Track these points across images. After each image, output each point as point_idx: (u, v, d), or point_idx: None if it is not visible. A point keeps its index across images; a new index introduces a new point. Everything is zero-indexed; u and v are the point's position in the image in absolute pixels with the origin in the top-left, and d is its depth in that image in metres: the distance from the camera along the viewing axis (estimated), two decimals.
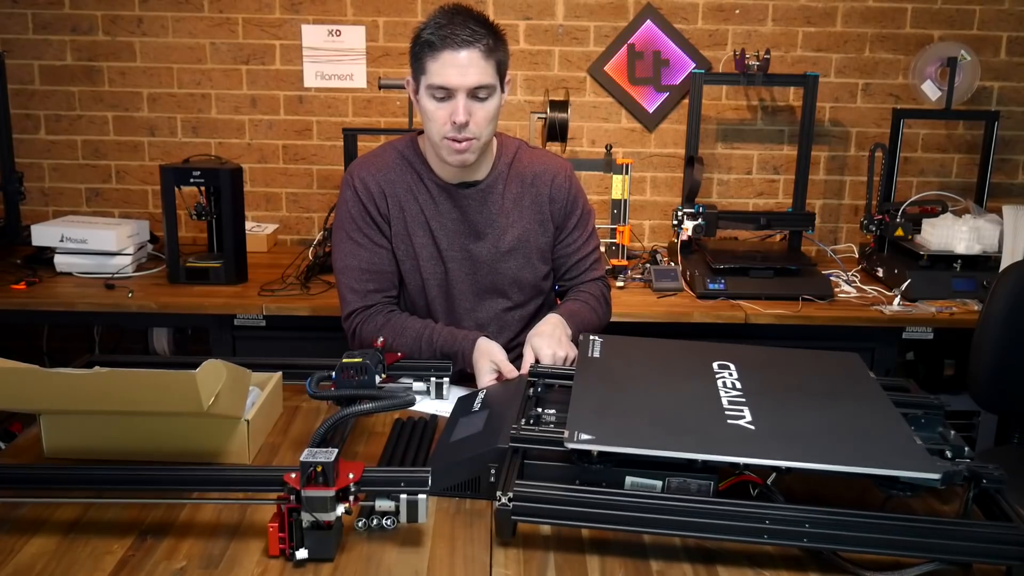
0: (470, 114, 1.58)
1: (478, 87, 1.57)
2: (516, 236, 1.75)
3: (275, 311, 2.42)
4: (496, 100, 1.62)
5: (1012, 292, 2.05)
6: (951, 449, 1.25)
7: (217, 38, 3.02)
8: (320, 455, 1.11)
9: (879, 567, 1.11)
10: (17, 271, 2.61)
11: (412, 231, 1.74)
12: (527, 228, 1.77)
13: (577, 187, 1.82)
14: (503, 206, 1.74)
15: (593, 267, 1.88)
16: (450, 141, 1.61)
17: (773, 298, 2.52)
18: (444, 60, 1.55)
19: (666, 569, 1.12)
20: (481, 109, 1.60)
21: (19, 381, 1.26)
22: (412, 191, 1.74)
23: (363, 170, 1.76)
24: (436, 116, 1.60)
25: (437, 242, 1.74)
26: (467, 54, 1.55)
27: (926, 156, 3.16)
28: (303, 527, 1.10)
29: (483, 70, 1.56)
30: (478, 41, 1.55)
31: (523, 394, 1.43)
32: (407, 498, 1.12)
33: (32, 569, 1.08)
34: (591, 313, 1.80)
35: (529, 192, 1.76)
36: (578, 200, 1.82)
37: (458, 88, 1.56)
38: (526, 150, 1.81)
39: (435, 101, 1.59)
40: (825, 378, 1.41)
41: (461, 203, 1.73)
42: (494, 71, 1.59)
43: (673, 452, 1.16)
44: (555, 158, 1.83)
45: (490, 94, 1.60)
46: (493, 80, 1.59)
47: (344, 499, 1.11)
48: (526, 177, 1.76)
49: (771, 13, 3.03)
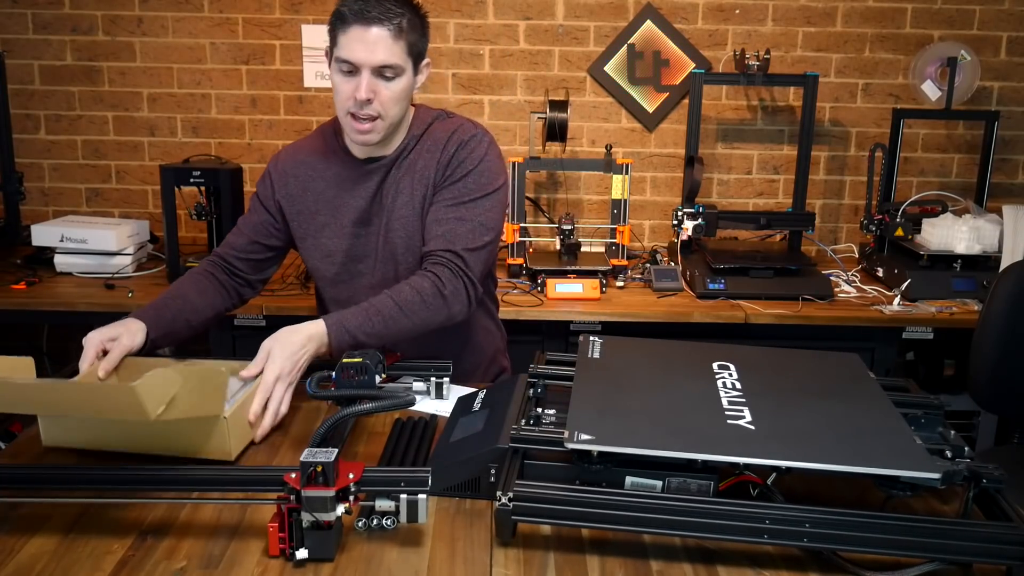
0: (374, 92, 1.57)
1: (384, 66, 1.55)
2: (403, 203, 1.70)
3: (275, 311, 2.42)
4: (404, 82, 1.59)
5: (1012, 292, 2.05)
6: (951, 449, 1.25)
7: (217, 38, 3.02)
8: (320, 455, 1.11)
9: (879, 567, 1.11)
10: (17, 271, 2.61)
11: (318, 208, 1.74)
12: (413, 195, 1.70)
13: (471, 151, 1.66)
14: (403, 176, 1.71)
15: (445, 237, 1.61)
16: (352, 119, 1.59)
17: (773, 298, 2.52)
18: (352, 35, 1.54)
19: (666, 569, 1.12)
20: (386, 89, 1.57)
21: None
22: (321, 170, 1.74)
23: (282, 153, 1.81)
24: (341, 90, 1.59)
25: (339, 218, 1.73)
26: (377, 31, 1.53)
27: (926, 156, 3.16)
28: (303, 527, 1.10)
29: (390, 49, 1.55)
30: (389, 20, 1.53)
31: (523, 394, 1.43)
32: (407, 498, 1.12)
33: (32, 569, 1.08)
34: (394, 311, 1.54)
35: (423, 159, 1.70)
36: (464, 164, 1.65)
37: (363, 64, 1.55)
38: (444, 120, 1.74)
39: (341, 75, 1.58)
40: (825, 378, 1.41)
41: (367, 177, 1.72)
42: (404, 52, 1.57)
43: (673, 452, 1.16)
44: (463, 123, 1.71)
45: (397, 74, 1.57)
46: (401, 61, 1.57)
47: (344, 499, 1.11)
48: (426, 144, 1.71)
49: (771, 13, 3.03)
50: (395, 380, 1.62)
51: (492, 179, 1.68)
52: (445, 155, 1.68)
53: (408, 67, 1.60)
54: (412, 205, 1.70)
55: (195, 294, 1.70)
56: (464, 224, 1.63)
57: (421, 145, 1.71)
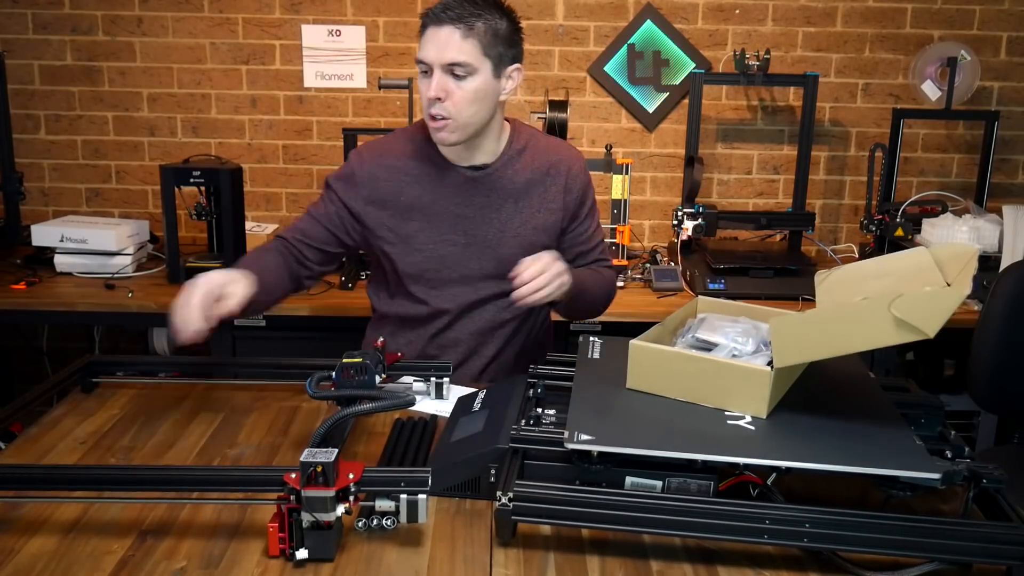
0: (445, 91, 1.57)
1: (453, 64, 1.55)
2: (523, 221, 1.73)
3: (275, 311, 2.40)
4: (477, 82, 1.58)
5: (1012, 292, 2.05)
6: (951, 449, 1.25)
7: (217, 38, 3.02)
8: (320, 455, 1.11)
9: (879, 567, 1.11)
10: (17, 271, 2.61)
11: (412, 212, 1.71)
12: (536, 215, 1.74)
13: (589, 178, 1.83)
14: (513, 191, 1.72)
15: (602, 257, 1.88)
16: (432, 119, 1.61)
17: (773, 298, 2.52)
18: (427, 35, 1.57)
19: (666, 569, 1.12)
20: (458, 88, 1.57)
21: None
22: (415, 174, 1.71)
23: (366, 152, 1.76)
24: (421, 92, 1.61)
25: (436, 223, 1.71)
26: (448, 30, 1.54)
27: (926, 156, 3.16)
28: (303, 527, 1.10)
29: (459, 47, 1.55)
30: (463, 20, 1.54)
31: (523, 394, 1.43)
32: (407, 498, 1.12)
33: (32, 569, 1.08)
34: (593, 283, 1.79)
35: (544, 180, 1.74)
36: (589, 191, 1.82)
37: (433, 63, 1.56)
38: (541, 138, 1.80)
39: (421, 77, 1.61)
40: (825, 378, 1.41)
41: (468, 185, 1.71)
42: (477, 51, 1.56)
43: (673, 452, 1.17)
44: (569, 147, 1.83)
45: (468, 73, 1.57)
46: (472, 59, 1.56)
47: (344, 499, 1.11)
48: (541, 164, 1.74)
49: (771, 13, 3.03)
50: (395, 380, 1.62)
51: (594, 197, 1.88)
52: (575, 184, 1.78)
53: (483, 67, 1.58)
54: (534, 225, 1.75)
55: (273, 270, 1.67)
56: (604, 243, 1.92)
57: (527, 161, 1.74)
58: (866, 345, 1.19)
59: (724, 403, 1.28)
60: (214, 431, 1.50)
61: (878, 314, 1.15)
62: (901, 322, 1.14)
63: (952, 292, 1.14)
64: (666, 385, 1.32)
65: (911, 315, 1.14)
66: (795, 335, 1.23)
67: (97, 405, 1.60)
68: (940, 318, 1.13)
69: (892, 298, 1.14)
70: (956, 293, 1.13)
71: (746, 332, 1.37)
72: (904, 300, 1.14)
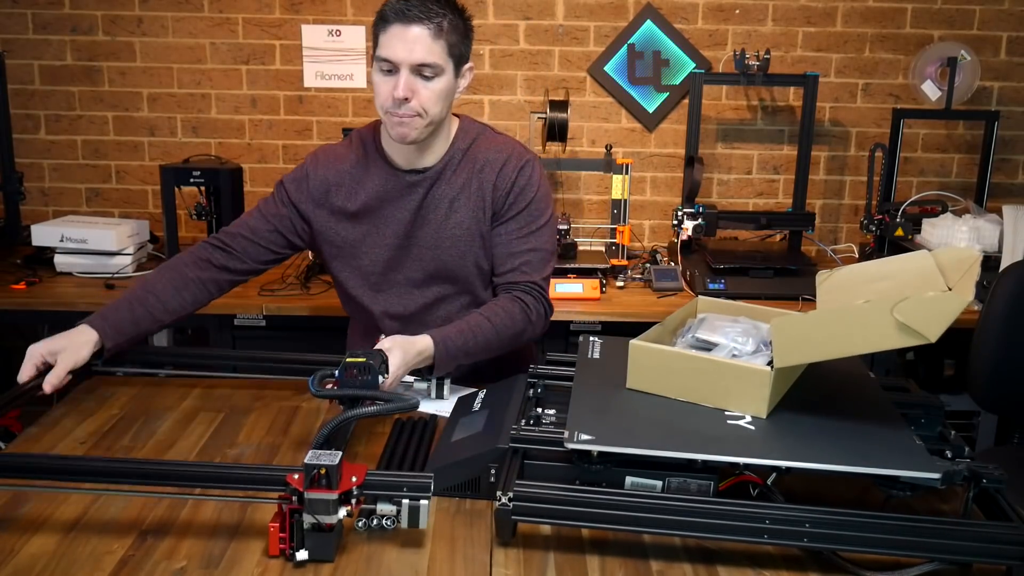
0: (412, 91, 1.56)
1: (423, 64, 1.55)
2: (458, 222, 1.70)
3: (275, 311, 2.42)
4: (444, 81, 1.58)
5: (1012, 292, 2.05)
6: (951, 449, 1.25)
7: (217, 38, 3.02)
8: (324, 457, 1.10)
9: (879, 567, 1.11)
10: (17, 271, 2.61)
11: (359, 218, 1.72)
12: (470, 215, 1.70)
13: (529, 178, 1.70)
14: (448, 192, 1.70)
15: (521, 269, 1.70)
16: (390, 116, 1.59)
17: (773, 298, 2.52)
18: (392, 33, 1.54)
19: (666, 569, 1.12)
20: (425, 88, 1.57)
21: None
22: (362, 178, 1.72)
23: (321, 155, 1.76)
24: (380, 90, 1.58)
25: (381, 228, 1.71)
26: (417, 30, 1.53)
27: (926, 156, 3.16)
28: (304, 528, 1.10)
29: (430, 48, 1.54)
30: (430, 19, 1.53)
31: (523, 394, 1.43)
32: (409, 503, 1.12)
33: (32, 569, 1.08)
34: (491, 333, 1.62)
35: (477, 178, 1.70)
36: (525, 192, 1.69)
37: (401, 63, 1.54)
38: (488, 136, 1.74)
39: (381, 74, 1.58)
40: (825, 378, 1.41)
41: (410, 189, 1.70)
42: (444, 51, 1.56)
43: (673, 452, 1.17)
44: (514, 146, 1.73)
45: (436, 74, 1.56)
46: (441, 60, 1.56)
47: (346, 502, 1.11)
48: (478, 163, 1.70)
49: (771, 13, 3.03)
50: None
51: (548, 204, 1.74)
52: (503, 181, 1.69)
53: (448, 68, 1.58)
54: (467, 225, 1.70)
55: (172, 291, 1.66)
56: (537, 254, 1.71)
57: (469, 160, 1.71)
58: (867, 348, 1.20)
59: (724, 403, 1.28)
60: (214, 430, 1.50)
61: (880, 317, 1.16)
62: (903, 326, 1.14)
63: (955, 297, 1.14)
64: (666, 385, 1.32)
65: (913, 319, 1.14)
66: (796, 336, 1.23)
67: (97, 405, 1.60)
68: (942, 323, 1.13)
69: (895, 301, 1.14)
70: (959, 298, 1.13)
71: (746, 332, 1.37)
72: (907, 304, 1.14)
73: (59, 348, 1.52)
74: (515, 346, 1.69)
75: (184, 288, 1.68)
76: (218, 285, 1.73)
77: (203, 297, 1.72)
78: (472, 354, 1.61)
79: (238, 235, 1.73)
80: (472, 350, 1.60)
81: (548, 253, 1.74)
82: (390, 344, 1.50)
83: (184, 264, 1.70)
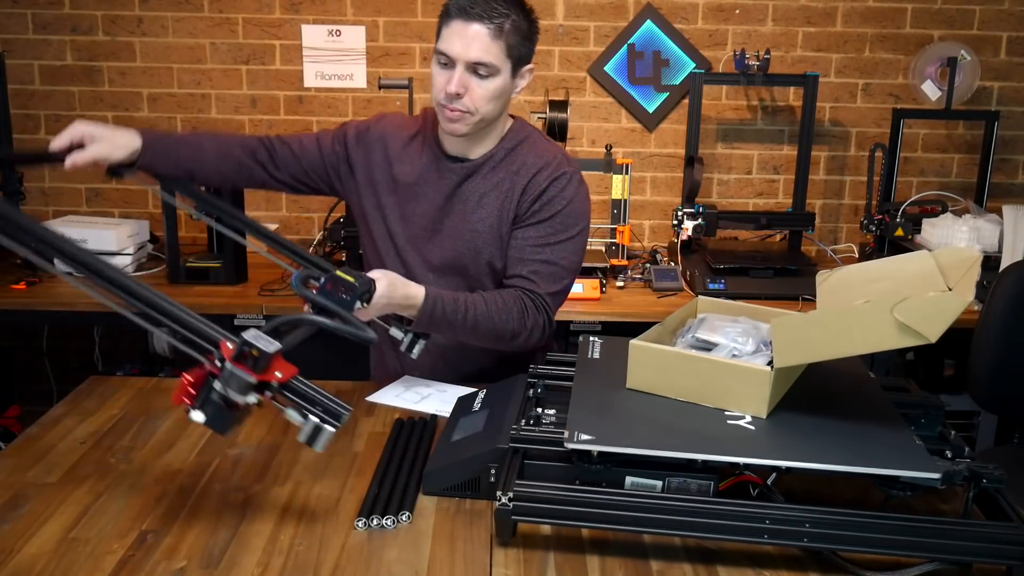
0: (465, 88, 1.56)
1: (478, 63, 1.55)
2: (482, 218, 1.69)
3: (275, 311, 2.42)
4: (498, 82, 1.58)
5: (1012, 292, 2.05)
6: (951, 449, 1.25)
7: (217, 38, 3.02)
8: (263, 342, 1.07)
9: (879, 567, 1.11)
10: (17, 271, 2.61)
11: (392, 189, 1.73)
12: (495, 214, 1.68)
13: (561, 190, 1.65)
14: (481, 187, 1.69)
15: (529, 277, 1.65)
16: (443, 107, 1.59)
17: (773, 298, 2.52)
18: (453, 28, 1.55)
19: (666, 569, 1.12)
20: (479, 86, 1.57)
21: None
22: (414, 153, 1.73)
23: (389, 118, 1.78)
24: (436, 81, 1.59)
25: (413, 205, 1.72)
26: (477, 28, 1.53)
27: (926, 156, 3.16)
28: (212, 395, 1.08)
29: (487, 47, 1.54)
30: (491, 19, 1.53)
31: (523, 394, 1.43)
32: (315, 421, 1.11)
33: (32, 569, 1.08)
34: (482, 316, 1.58)
35: (511, 179, 1.68)
36: (553, 202, 1.65)
37: (458, 58, 1.55)
38: (535, 141, 1.72)
39: (439, 66, 1.58)
40: (825, 378, 1.41)
41: (447, 175, 1.70)
42: (502, 52, 1.56)
43: (673, 452, 1.16)
44: (557, 155, 1.70)
45: (491, 73, 1.56)
46: (497, 61, 1.56)
47: (260, 392, 1.09)
48: (515, 164, 1.69)
49: (771, 13, 3.03)
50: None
51: (577, 220, 1.67)
52: (534, 187, 1.66)
53: (505, 68, 1.58)
54: (489, 223, 1.68)
55: (213, 153, 1.73)
56: (549, 267, 1.66)
57: (509, 161, 1.69)
58: (867, 348, 1.20)
59: (724, 403, 1.28)
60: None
61: (880, 317, 1.16)
62: (903, 326, 1.14)
63: (955, 298, 1.14)
64: (666, 385, 1.32)
65: (914, 319, 1.14)
66: (796, 336, 1.23)
67: (97, 405, 1.60)
68: (942, 323, 1.13)
69: (895, 301, 1.14)
70: (959, 299, 1.13)
71: (746, 332, 1.37)
72: (907, 304, 1.14)
73: (98, 137, 1.60)
74: (503, 346, 1.64)
75: (225, 160, 1.74)
76: (251, 176, 1.78)
77: (234, 176, 1.77)
78: (455, 328, 1.57)
79: (287, 145, 1.77)
80: (457, 324, 1.56)
81: (563, 269, 1.67)
82: (382, 276, 1.47)
83: (233, 142, 1.76)
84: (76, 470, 1.34)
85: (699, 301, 1.56)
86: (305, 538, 1.16)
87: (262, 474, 1.34)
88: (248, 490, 1.29)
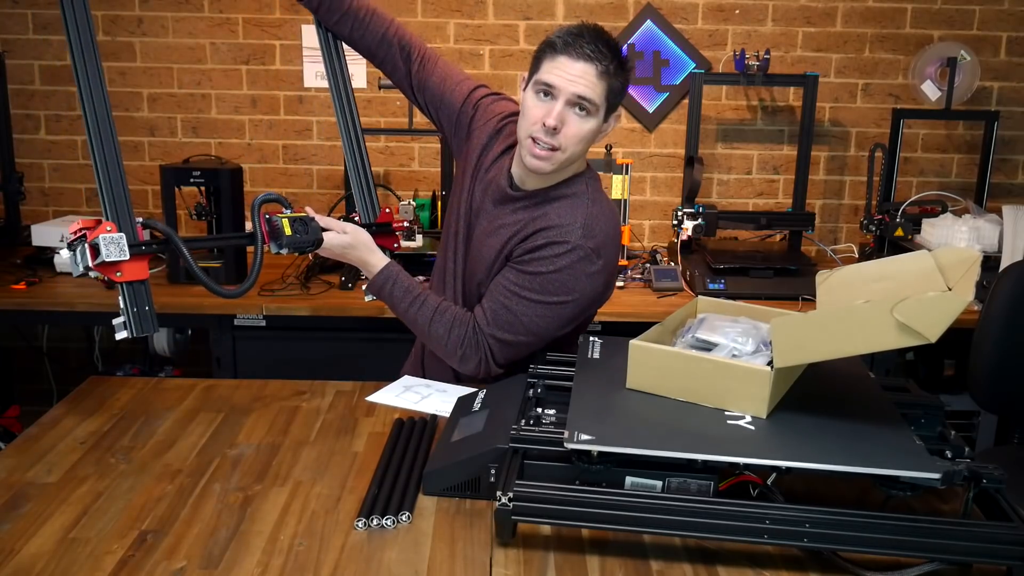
0: (563, 121, 1.53)
1: (582, 98, 1.52)
2: (490, 246, 1.67)
3: (275, 311, 2.42)
4: (593, 123, 1.56)
5: (1012, 292, 2.05)
6: (951, 449, 1.25)
7: (217, 38, 3.02)
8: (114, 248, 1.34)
9: (879, 567, 1.11)
10: (17, 271, 2.61)
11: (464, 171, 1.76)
12: (498, 248, 1.66)
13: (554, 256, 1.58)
14: (503, 218, 1.67)
15: (486, 312, 1.62)
16: (532, 142, 1.56)
17: (773, 298, 2.52)
18: (559, 63, 1.53)
19: (666, 569, 1.12)
20: (575, 123, 1.54)
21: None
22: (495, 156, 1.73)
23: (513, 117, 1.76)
24: (531, 112, 1.56)
25: (466, 205, 1.73)
26: (583, 66, 1.52)
27: (926, 156, 3.16)
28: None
29: (593, 85, 1.52)
30: (599, 60, 1.52)
31: (523, 394, 1.43)
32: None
33: (32, 569, 1.09)
34: (425, 318, 1.63)
35: (525, 224, 1.64)
36: (540, 262, 1.59)
37: (562, 91, 1.53)
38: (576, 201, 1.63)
39: (536, 98, 1.56)
40: (825, 378, 1.41)
41: (490, 193, 1.70)
42: (603, 93, 1.54)
43: (673, 452, 1.16)
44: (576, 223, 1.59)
45: (590, 113, 1.54)
46: (599, 100, 1.54)
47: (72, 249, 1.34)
48: (538, 212, 1.64)
49: (771, 13, 3.03)
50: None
51: (559, 291, 1.60)
52: (532, 241, 1.61)
53: (601, 110, 1.56)
54: (492, 255, 1.67)
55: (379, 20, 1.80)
56: (507, 314, 1.61)
57: (540, 206, 1.64)
58: (867, 347, 1.20)
59: (724, 403, 1.28)
60: (214, 431, 1.50)
61: (880, 317, 1.16)
62: (903, 326, 1.14)
63: (955, 298, 1.14)
64: (666, 385, 1.32)
65: (913, 319, 1.14)
66: (796, 336, 1.23)
67: (97, 405, 1.60)
68: (942, 323, 1.13)
69: (895, 301, 1.14)
70: (959, 299, 1.13)
71: (746, 332, 1.37)
72: (907, 304, 1.14)
73: None
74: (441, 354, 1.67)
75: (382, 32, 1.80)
76: (394, 67, 1.82)
77: (377, 50, 1.81)
78: (397, 313, 1.68)
79: (438, 69, 1.80)
80: (399, 311, 1.67)
81: (522, 326, 1.60)
82: (349, 235, 1.62)
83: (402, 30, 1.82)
84: (76, 470, 1.34)
85: (699, 301, 1.56)
86: (305, 538, 1.16)
87: (262, 474, 1.34)
88: (248, 490, 1.29)
